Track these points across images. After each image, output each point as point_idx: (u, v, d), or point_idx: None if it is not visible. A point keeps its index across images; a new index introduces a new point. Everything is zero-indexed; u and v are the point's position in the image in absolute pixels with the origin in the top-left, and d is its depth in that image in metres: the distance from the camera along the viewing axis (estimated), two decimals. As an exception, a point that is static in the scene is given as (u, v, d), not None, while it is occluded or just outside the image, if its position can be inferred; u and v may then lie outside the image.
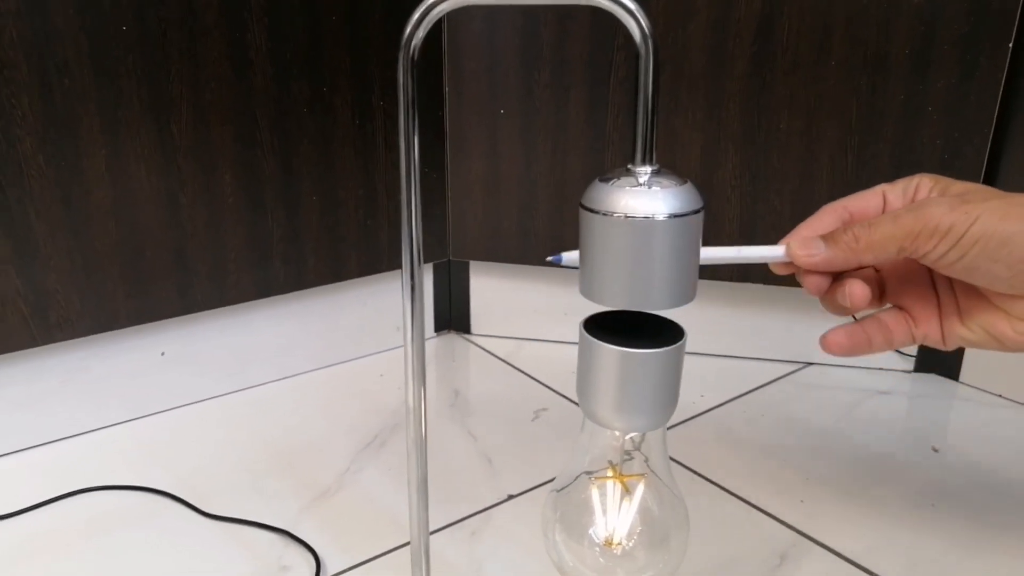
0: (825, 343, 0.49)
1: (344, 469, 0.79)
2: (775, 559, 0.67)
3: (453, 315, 1.10)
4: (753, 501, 0.75)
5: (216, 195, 0.83)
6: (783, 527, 0.71)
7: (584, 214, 0.37)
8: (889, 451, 0.83)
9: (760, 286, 0.98)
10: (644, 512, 0.44)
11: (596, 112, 0.92)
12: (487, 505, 0.74)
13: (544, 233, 0.99)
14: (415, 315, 0.41)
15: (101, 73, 0.74)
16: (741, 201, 0.92)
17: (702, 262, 0.38)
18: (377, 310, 1.02)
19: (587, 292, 0.38)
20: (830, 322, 0.98)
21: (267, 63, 0.83)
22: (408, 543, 0.68)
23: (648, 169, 0.37)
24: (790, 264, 0.47)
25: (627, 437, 0.43)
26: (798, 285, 0.93)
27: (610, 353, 0.39)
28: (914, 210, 0.42)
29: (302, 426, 0.87)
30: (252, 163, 0.85)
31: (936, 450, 0.83)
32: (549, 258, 0.40)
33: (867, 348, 0.48)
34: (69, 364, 0.82)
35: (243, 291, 0.88)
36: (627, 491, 0.44)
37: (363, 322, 1.02)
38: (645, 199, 0.36)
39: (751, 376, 0.99)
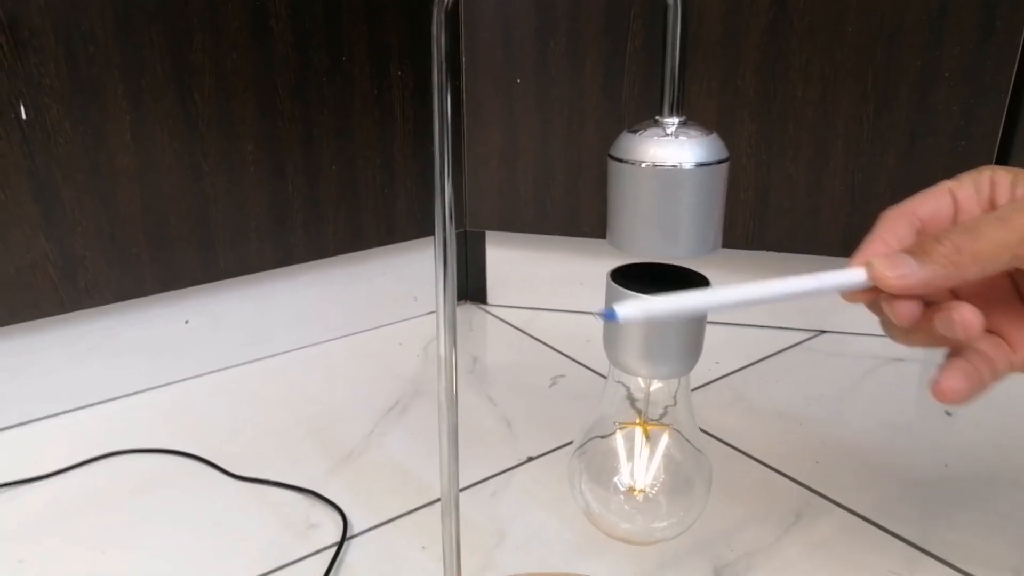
0: (941, 393, 0.38)
1: (368, 432, 0.81)
2: (791, 517, 0.69)
3: (470, 286, 1.11)
4: (768, 462, 0.76)
5: (237, 163, 0.85)
6: (798, 486, 0.73)
7: (612, 164, 0.38)
8: (903, 416, 0.84)
9: (774, 254, 0.99)
10: (667, 460, 0.45)
11: (612, 81, 0.93)
12: (508, 467, 0.76)
13: (560, 202, 1.00)
14: (448, 269, 0.42)
15: (125, 42, 0.75)
16: (757, 169, 0.93)
17: (767, 299, 0.37)
18: (395, 279, 1.04)
19: (615, 241, 0.39)
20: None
21: (287, 31, 0.83)
22: (432, 502, 0.70)
23: (675, 120, 0.38)
24: (874, 290, 0.38)
25: (652, 385, 0.44)
26: (814, 252, 0.94)
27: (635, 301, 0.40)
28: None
29: (324, 393, 0.89)
30: (272, 132, 0.86)
31: (949, 414, 0.84)
32: (599, 312, 0.35)
33: (981, 388, 0.38)
34: (97, 330, 0.84)
35: (264, 259, 0.89)
36: (650, 439, 0.45)
37: (382, 291, 1.03)
38: (673, 148, 0.37)
39: (765, 344, 1.00)
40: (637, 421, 0.44)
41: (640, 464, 0.45)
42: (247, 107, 0.83)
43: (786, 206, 0.94)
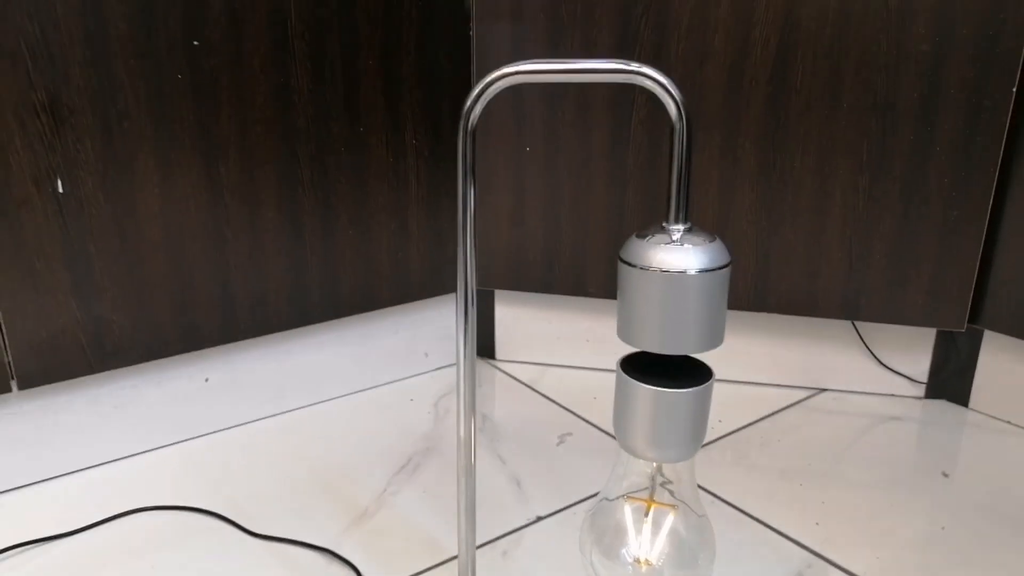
0: None
1: (381, 491, 0.83)
2: (792, 579, 0.71)
3: (479, 342, 1.15)
4: (770, 523, 0.79)
5: (259, 230, 0.88)
6: (799, 548, 0.75)
7: (622, 267, 0.42)
8: (901, 475, 0.87)
9: (775, 316, 1.02)
10: (673, 536, 0.48)
11: (617, 149, 0.97)
12: (518, 526, 0.78)
13: (567, 263, 1.03)
14: (467, 355, 0.46)
15: (157, 118, 0.79)
16: (758, 236, 0.96)
17: None
18: (407, 338, 1.07)
19: (625, 336, 0.42)
20: (843, 349, 1.02)
21: (308, 105, 0.88)
22: (446, 561, 0.73)
23: (681, 227, 0.41)
24: None
25: (658, 467, 0.47)
26: (813, 315, 0.98)
27: (644, 391, 0.43)
28: None
29: (339, 449, 0.91)
30: (293, 199, 0.90)
31: (946, 475, 0.87)
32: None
33: None
34: (122, 390, 0.87)
35: (283, 319, 0.93)
36: (657, 516, 0.48)
37: (394, 349, 1.06)
38: (678, 255, 0.40)
39: (767, 402, 1.03)
40: (645, 499, 0.47)
41: (647, 537, 0.48)
42: (269, 176, 0.87)
43: (785, 270, 0.97)
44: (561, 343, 1.12)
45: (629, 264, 0.41)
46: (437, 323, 1.09)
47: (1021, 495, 0.83)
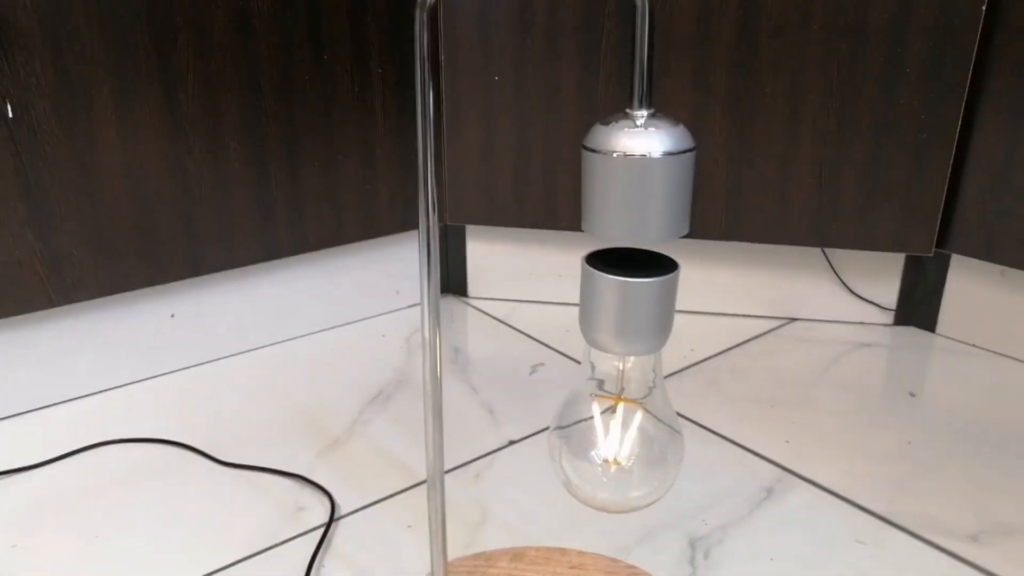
0: None
1: (353, 420, 0.83)
2: (762, 493, 0.72)
3: (451, 279, 1.14)
4: (741, 442, 0.79)
5: (222, 161, 0.86)
6: (769, 464, 0.76)
7: (586, 154, 0.41)
8: (870, 398, 0.88)
9: (747, 245, 1.02)
10: (641, 433, 0.48)
11: (588, 77, 0.96)
12: (490, 450, 0.78)
13: (538, 197, 1.02)
14: (431, 259, 0.45)
15: (111, 40, 0.77)
16: (729, 163, 0.96)
17: None
18: (377, 274, 1.06)
19: (589, 228, 0.42)
20: (814, 278, 1.03)
21: (270, 32, 0.85)
22: (418, 484, 0.73)
23: (644, 112, 0.41)
24: None
25: (626, 364, 0.47)
26: (783, 242, 0.98)
27: (611, 283, 0.43)
28: None
29: (309, 384, 0.91)
30: (256, 130, 0.88)
31: (913, 395, 0.88)
32: None
33: None
34: (85, 325, 0.85)
35: (249, 254, 0.91)
36: (626, 415, 0.48)
37: (364, 285, 1.05)
38: (642, 139, 0.39)
39: (739, 331, 1.03)
40: (613, 398, 0.47)
41: (615, 437, 0.48)
42: (230, 106, 0.85)
43: (757, 198, 0.97)
44: (533, 278, 1.11)
45: (592, 151, 0.40)
46: (408, 260, 1.08)
47: (983, 412, 0.85)
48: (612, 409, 0.47)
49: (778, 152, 0.94)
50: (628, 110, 0.41)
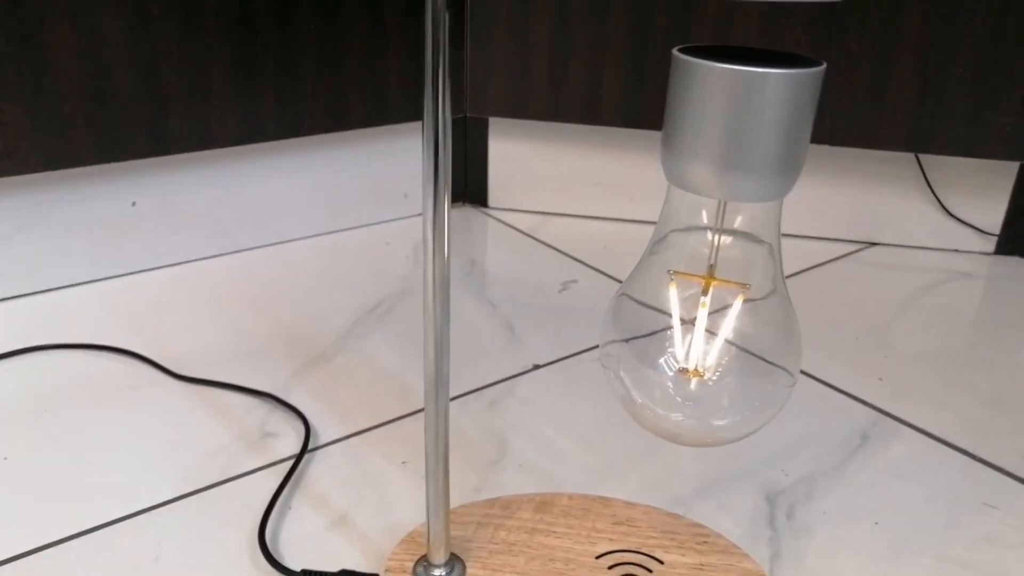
0: None
1: (344, 334, 0.68)
2: (856, 439, 0.56)
3: (469, 184, 0.97)
4: (826, 379, 0.63)
5: (195, 9, 0.70)
6: (862, 405, 0.60)
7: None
8: (970, 333, 0.72)
9: (822, 149, 0.85)
10: (743, 332, 0.32)
11: (644, -66, 0.78)
12: (509, 375, 0.63)
13: (578, 83, 0.85)
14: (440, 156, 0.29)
15: None
16: (814, 45, 0.78)
17: None
18: (384, 170, 0.90)
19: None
20: (901, 195, 0.86)
21: None
22: (417, 411, 0.58)
23: None
24: None
25: (728, 215, 0.31)
26: (874, 147, 0.81)
27: (720, 75, 0.26)
28: None
29: (297, 292, 0.76)
30: (237, -24, 0.71)
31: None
32: None
33: None
34: (25, 206, 0.70)
35: (228, 132, 0.76)
36: (718, 301, 0.32)
37: (368, 183, 0.89)
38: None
39: (811, 255, 0.87)
40: (702, 274, 0.31)
41: (700, 338, 0.32)
42: (205, -60, 0.69)
43: (847, 90, 0.79)
44: (569, 185, 0.94)
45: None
46: (420, 157, 0.91)
47: None
48: (703, 292, 0.31)
49: (877, 33, 0.77)
50: None
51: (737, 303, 0.32)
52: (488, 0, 0.84)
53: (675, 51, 0.28)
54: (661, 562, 0.41)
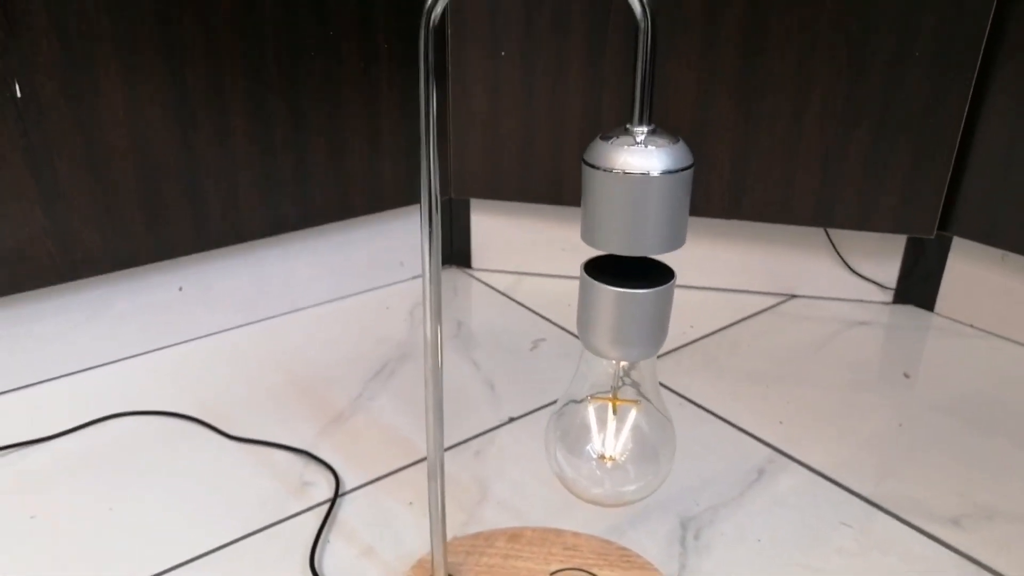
0: None
1: (357, 395, 0.85)
2: (753, 474, 0.74)
3: (455, 250, 1.15)
4: (735, 422, 0.81)
5: (228, 136, 0.87)
6: (762, 445, 0.78)
7: (586, 169, 0.42)
8: (865, 377, 0.89)
9: (749, 223, 1.03)
10: (636, 432, 0.49)
11: (594, 53, 0.95)
12: (490, 427, 0.80)
13: (543, 170, 1.03)
14: (432, 252, 0.46)
15: (116, 18, 0.77)
16: (734, 142, 0.96)
17: None
18: (382, 246, 1.07)
19: (588, 239, 0.43)
20: (815, 256, 1.04)
21: (275, 5, 0.85)
22: (419, 461, 0.75)
23: (644, 129, 0.41)
24: None
25: (621, 365, 0.48)
26: (787, 222, 0.98)
27: (607, 293, 0.44)
28: None
29: (314, 356, 0.93)
30: (261, 106, 0.88)
31: (907, 376, 0.89)
32: None
33: None
34: (93, 299, 0.87)
35: (255, 228, 0.92)
36: (620, 413, 0.49)
37: (369, 257, 1.06)
38: (641, 157, 0.40)
39: (739, 308, 1.05)
40: (609, 397, 0.48)
41: (610, 434, 0.50)
42: (236, 82, 0.85)
43: (761, 177, 0.97)
44: (537, 251, 1.12)
45: (592, 166, 0.41)
46: (413, 232, 1.09)
47: (977, 394, 0.86)
48: (612, 410, 0.49)
49: (784, 131, 0.94)
50: (628, 125, 0.42)
51: (633, 413, 0.49)
52: (466, 106, 1.01)
53: (581, 267, 0.46)
54: (597, 577, 0.59)
